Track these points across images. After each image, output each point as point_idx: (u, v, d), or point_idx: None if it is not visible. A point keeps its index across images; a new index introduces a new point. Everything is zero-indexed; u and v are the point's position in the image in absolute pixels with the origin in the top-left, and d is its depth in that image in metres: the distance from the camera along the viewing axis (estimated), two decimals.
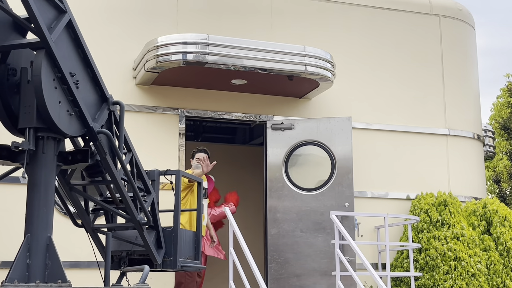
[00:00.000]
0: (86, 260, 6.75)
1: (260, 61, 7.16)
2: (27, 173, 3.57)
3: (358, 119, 8.46)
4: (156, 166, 5.12)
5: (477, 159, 9.30)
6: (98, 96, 3.86)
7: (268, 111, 8.13)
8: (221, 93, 7.97)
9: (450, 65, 9.21)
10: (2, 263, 6.69)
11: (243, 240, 6.34)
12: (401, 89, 8.86)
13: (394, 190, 8.51)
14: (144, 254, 4.35)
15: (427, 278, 7.59)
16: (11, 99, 3.54)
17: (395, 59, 8.93)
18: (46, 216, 3.53)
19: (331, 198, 7.72)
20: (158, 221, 4.34)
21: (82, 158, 3.75)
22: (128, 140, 4.09)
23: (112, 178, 3.89)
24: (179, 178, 4.60)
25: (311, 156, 7.94)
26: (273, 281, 7.55)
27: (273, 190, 7.79)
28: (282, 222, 7.70)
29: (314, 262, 7.57)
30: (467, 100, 9.35)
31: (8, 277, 3.31)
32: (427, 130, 8.86)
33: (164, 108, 7.69)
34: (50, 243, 3.49)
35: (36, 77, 3.35)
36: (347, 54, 8.65)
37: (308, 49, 7.39)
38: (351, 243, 6.62)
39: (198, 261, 4.71)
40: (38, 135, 3.55)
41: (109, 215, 4.41)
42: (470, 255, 7.66)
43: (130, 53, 7.63)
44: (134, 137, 4.89)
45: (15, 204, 6.76)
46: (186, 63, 6.98)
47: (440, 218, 7.92)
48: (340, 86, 8.34)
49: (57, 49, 3.44)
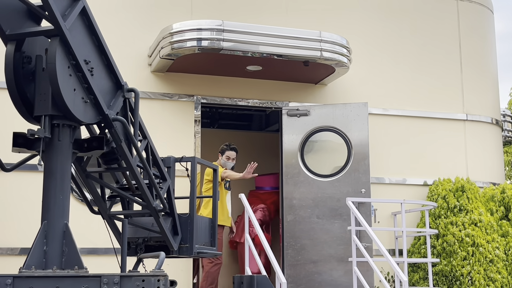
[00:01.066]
0: (103, 247, 6.80)
1: (276, 47, 7.12)
2: (43, 161, 3.58)
3: (375, 105, 8.40)
4: (172, 153, 5.13)
5: (496, 144, 9.21)
6: (113, 83, 3.85)
7: (283, 97, 8.10)
8: (237, 79, 7.95)
9: (468, 49, 9.10)
10: (21, 249, 6.76)
11: (259, 227, 6.34)
12: (418, 74, 8.78)
13: (411, 176, 8.46)
14: (160, 240, 4.36)
15: (445, 264, 7.55)
16: (27, 87, 3.55)
17: (412, 44, 8.84)
18: (63, 203, 3.54)
19: (347, 185, 7.69)
20: (174, 207, 4.34)
21: (98, 145, 3.76)
22: (143, 127, 4.09)
23: (128, 165, 3.89)
24: (195, 165, 4.60)
25: (327, 142, 7.91)
26: (289, 267, 7.56)
27: (289, 176, 7.78)
28: (298, 209, 7.69)
29: (330, 248, 7.56)
30: (485, 84, 9.24)
31: (26, 263, 3.33)
32: (444, 115, 8.79)
33: (179, 95, 7.69)
34: (67, 230, 3.51)
35: (50, 64, 3.35)
36: (363, 39, 8.58)
37: (324, 34, 7.34)
38: (367, 229, 6.59)
39: (214, 247, 4.71)
40: (53, 122, 3.55)
41: (125, 202, 4.43)
42: (488, 241, 7.61)
43: (145, 40, 7.62)
44: (149, 124, 4.90)
45: (32, 191, 6.82)
46: (201, 49, 6.97)
47: (457, 204, 7.87)
48: (356, 71, 8.29)
49: (72, 36, 3.43)
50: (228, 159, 7.36)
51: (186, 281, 7.23)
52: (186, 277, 7.23)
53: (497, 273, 7.46)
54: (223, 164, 7.34)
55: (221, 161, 7.37)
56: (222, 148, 7.45)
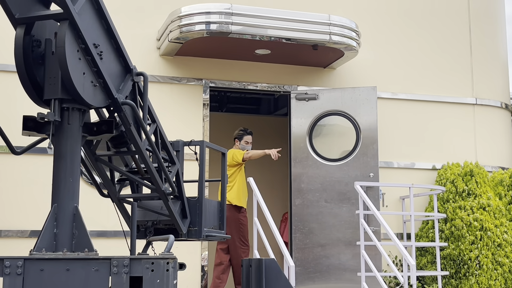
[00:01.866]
0: (112, 230, 6.85)
1: (284, 31, 7.10)
2: (53, 144, 3.60)
3: (384, 89, 8.38)
4: (181, 137, 5.14)
5: (505, 128, 9.17)
6: (122, 67, 3.85)
7: (292, 81, 8.08)
8: (245, 63, 7.94)
9: (478, 33, 9.04)
10: (31, 232, 6.82)
11: (268, 211, 6.36)
12: (427, 58, 8.74)
13: (420, 160, 8.45)
14: (169, 223, 4.37)
15: (453, 248, 7.56)
16: (36, 70, 3.56)
17: (421, 27, 8.79)
18: (73, 186, 3.56)
19: (355, 169, 7.70)
20: (183, 191, 4.36)
21: (107, 129, 3.77)
22: (152, 111, 4.10)
23: (137, 149, 3.90)
24: (203, 149, 4.60)
25: (336, 126, 7.90)
26: (297, 250, 7.59)
27: (297, 160, 7.79)
28: (307, 192, 7.71)
29: (338, 232, 7.58)
30: (495, 68, 9.19)
31: (36, 246, 3.36)
32: (454, 100, 8.75)
33: (188, 79, 7.69)
34: (77, 212, 3.53)
35: (60, 48, 3.36)
36: (372, 22, 8.53)
37: (333, 17, 7.30)
38: (375, 213, 6.61)
39: (223, 230, 4.73)
40: (63, 106, 3.56)
41: (135, 185, 4.45)
42: (496, 225, 7.61)
43: (154, 24, 7.61)
44: (158, 108, 4.91)
45: (41, 174, 6.86)
46: (209, 33, 6.95)
47: (466, 188, 7.86)
48: (365, 55, 8.25)
49: (81, 20, 3.43)
50: (247, 143, 7.40)
51: (194, 264, 7.28)
52: (194, 260, 7.28)
53: (505, 257, 7.46)
54: (242, 149, 7.35)
55: (239, 146, 7.39)
56: (239, 134, 7.43)
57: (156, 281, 3.24)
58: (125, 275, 3.23)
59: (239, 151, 7.20)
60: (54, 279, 3.21)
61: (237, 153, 7.18)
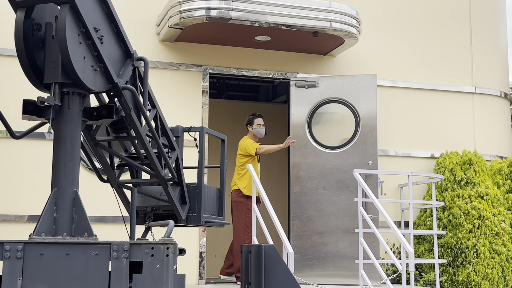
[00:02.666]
0: (111, 215, 6.85)
1: (285, 17, 7.07)
2: (53, 128, 3.59)
3: (384, 77, 8.36)
4: (180, 123, 5.13)
5: (504, 117, 9.17)
6: (123, 52, 3.84)
7: (292, 68, 8.06)
8: (245, 50, 7.91)
9: (478, 22, 9.02)
10: (29, 217, 6.82)
11: (267, 197, 6.36)
12: (427, 46, 8.72)
13: (419, 148, 8.45)
14: (168, 209, 4.38)
15: (450, 236, 7.59)
16: (37, 54, 3.54)
17: (422, 16, 8.76)
18: (72, 171, 3.55)
19: (354, 156, 7.70)
20: (183, 177, 4.36)
21: (107, 113, 3.75)
22: (152, 96, 4.08)
23: (137, 134, 3.90)
24: (203, 135, 4.60)
25: (335, 114, 7.89)
26: (295, 238, 7.61)
27: (296, 148, 7.78)
28: (305, 180, 7.71)
29: (337, 219, 7.59)
30: (494, 57, 9.17)
31: (36, 230, 3.36)
32: (453, 88, 8.74)
33: (187, 65, 7.66)
34: (77, 197, 3.52)
35: (60, 32, 3.34)
36: (373, 10, 8.50)
37: (334, 4, 7.27)
38: (374, 200, 6.61)
39: (222, 217, 4.74)
40: (63, 90, 3.55)
41: (134, 171, 4.44)
42: (494, 214, 7.63)
43: (153, 9, 7.58)
44: (157, 93, 4.90)
45: (40, 159, 6.85)
46: (209, 19, 6.92)
47: (464, 177, 7.87)
48: (365, 43, 8.23)
49: (81, 3, 3.41)
50: (259, 126, 7.56)
51: (193, 249, 7.29)
52: (193, 246, 7.29)
53: (502, 246, 7.49)
54: (256, 133, 7.55)
55: (253, 131, 7.55)
56: (250, 119, 7.63)
57: (156, 266, 3.24)
58: (125, 260, 3.24)
59: (252, 144, 7.39)
60: (54, 263, 3.21)
61: (250, 145, 7.37)
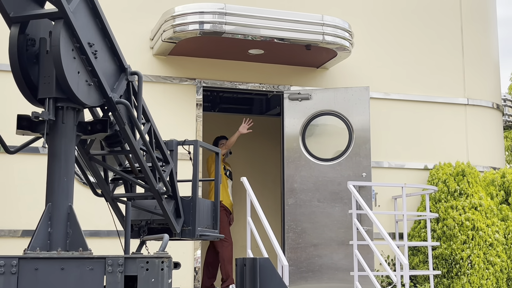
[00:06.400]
0: (105, 229, 6.84)
1: (278, 31, 7.11)
2: (47, 143, 3.60)
3: (376, 89, 8.41)
4: (174, 136, 5.14)
5: (496, 128, 9.23)
6: (117, 66, 3.85)
7: (285, 81, 8.10)
8: (238, 63, 7.94)
9: (470, 34, 9.09)
10: (23, 231, 6.80)
11: (261, 210, 6.37)
12: (420, 58, 8.78)
13: (412, 160, 8.48)
14: (163, 223, 4.37)
15: (445, 247, 7.60)
16: (31, 69, 3.55)
17: (414, 28, 8.82)
18: (67, 185, 3.55)
19: (348, 168, 7.72)
20: (177, 190, 4.36)
21: (102, 128, 3.76)
22: (146, 110, 4.09)
23: (131, 148, 3.90)
24: (197, 148, 4.61)
25: (329, 126, 7.92)
26: (290, 250, 7.61)
27: (290, 160, 7.80)
28: (299, 192, 7.72)
29: (331, 231, 7.60)
30: (486, 69, 9.24)
31: (30, 245, 3.35)
32: (446, 100, 8.79)
33: (181, 79, 7.69)
34: (71, 212, 3.52)
35: (54, 47, 3.35)
36: (365, 22, 8.56)
37: (326, 18, 7.32)
38: (368, 212, 6.63)
39: (216, 230, 4.74)
40: (57, 105, 3.55)
41: (128, 185, 4.44)
42: (488, 224, 7.65)
43: (147, 23, 7.61)
44: (151, 107, 4.90)
45: (34, 173, 6.84)
46: (203, 33, 6.95)
47: (458, 188, 7.90)
48: (358, 55, 8.28)
49: (76, 19, 3.43)
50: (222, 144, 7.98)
51: (188, 263, 7.28)
52: (187, 260, 7.27)
53: (496, 256, 7.50)
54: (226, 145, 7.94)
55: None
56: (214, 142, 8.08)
57: (151, 280, 3.24)
58: (120, 274, 3.23)
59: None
60: (48, 278, 3.20)
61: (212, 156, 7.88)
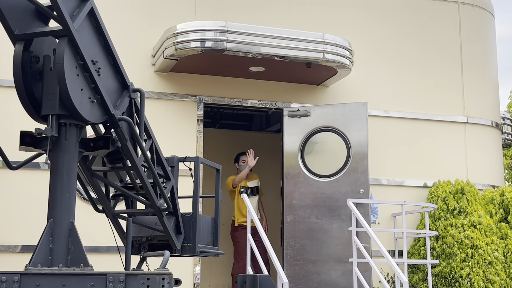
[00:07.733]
0: (105, 245, 6.84)
1: (278, 49, 7.16)
2: (50, 159, 3.62)
3: (376, 107, 8.44)
4: (175, 153, 5.17)
5: (495, 147, 9.26)
6: (119, 84, 3.89)
7: (285, 98, 8.14)
8: (239, 80, 7.99)
9: (469, 53, 9.15)
10: (22, 247, 6.80)
11: (261, 227, 6.38)
12: (419, 76, 8.83)
13: (411, 177, 8.50)
14: (163, 239, 4.39)
15: (444, 265, 7.60)
16: (34, 86, 3.59)
17: (413, 46, 8.88)
18: (69, 202, 3.58)
19: (346, 185, 7.73)
20: (178, 207, 4.38)
21: (104, 144, 3.79)
22: (148, 127, 4.13)
23: (133, 165, 3.93)
24: (198, 165, 4.64)
25: (327, 142, 7.94)
26: (289, 266, 7.60)
27: (289, 177, 7.82)
28: (298, 209, 7.73)
29: (329, 248, 7.60)
30: (485, 87, 9.29)
31: (32, 261, 3.37)
32: (445, 118, 8.83)
33: (182, 95, 7.73)
34: (73, 228, 3.54)
35: (58, 64, 3.39)
36: (365, 41, 8.62)
37: (327, 36, 7.37)
38: (368, 229, 6.63)
39: (216, 246, 4.75)
40: (60, 122, 3.59)
41: (129, 201, 4.47)
42: (487, 243, 7.65)
43: (149, 40, 7.66)
44: (152, 123, 4.93)
45: (35, 189, 6.86)
46: (204, 50, 7.00)
47: (457, 206, 7.91)
48: (358, 73, 8.33)
49: (80, 37, 3.47)
50: (244, 162, 8.21)
51: (188, 279, 7.27)
52: (187, 276, 7.27)
53: (495, 275, 7.50)
54: (241, 169, 8.19)
55: (239, 168, 8.28)
56: (236, 157, 8.38)
57: None
58: None
59: (230, 179, 8.13)
60: None
61: (229, 181, 8.13)
